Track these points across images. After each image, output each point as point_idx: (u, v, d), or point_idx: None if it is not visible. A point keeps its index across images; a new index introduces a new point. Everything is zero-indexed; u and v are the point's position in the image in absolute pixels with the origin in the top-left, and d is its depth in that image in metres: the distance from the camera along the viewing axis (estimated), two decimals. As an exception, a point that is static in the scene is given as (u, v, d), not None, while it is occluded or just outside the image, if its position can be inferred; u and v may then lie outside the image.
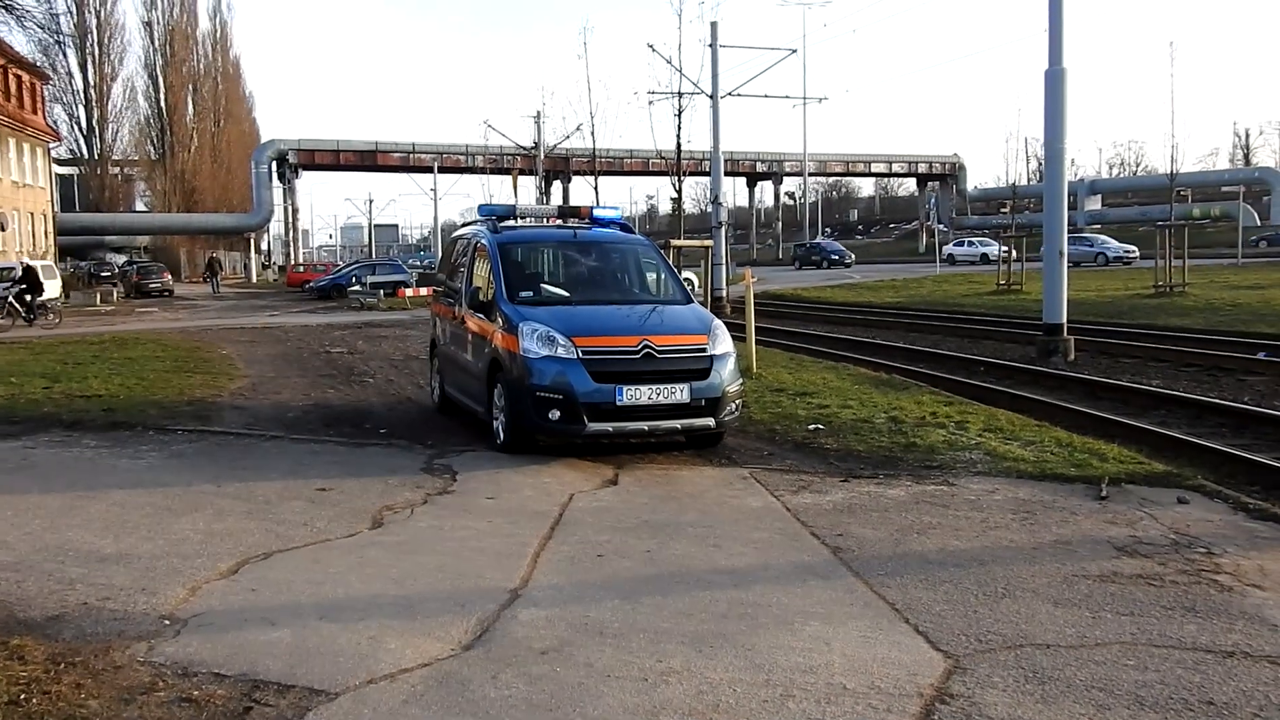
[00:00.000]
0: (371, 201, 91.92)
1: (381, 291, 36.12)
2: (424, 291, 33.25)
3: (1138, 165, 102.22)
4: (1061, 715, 3.75)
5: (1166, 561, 5.55)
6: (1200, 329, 19.04)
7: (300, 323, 26.52)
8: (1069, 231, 18.08)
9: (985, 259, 35.59)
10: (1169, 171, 34.63)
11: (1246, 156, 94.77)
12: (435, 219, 66.71)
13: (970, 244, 60.31)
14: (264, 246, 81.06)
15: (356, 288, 36.88)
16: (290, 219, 71.41)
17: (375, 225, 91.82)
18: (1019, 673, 4.13)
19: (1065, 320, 16.32)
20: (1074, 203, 71.23)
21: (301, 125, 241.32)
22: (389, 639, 4.49)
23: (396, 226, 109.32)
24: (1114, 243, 50.98)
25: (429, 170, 64.84)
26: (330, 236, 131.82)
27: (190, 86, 72.95)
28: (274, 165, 67.07)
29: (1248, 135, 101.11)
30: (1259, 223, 67.90)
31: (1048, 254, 16.38)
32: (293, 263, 66.38)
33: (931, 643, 4.48)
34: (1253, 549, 5.76)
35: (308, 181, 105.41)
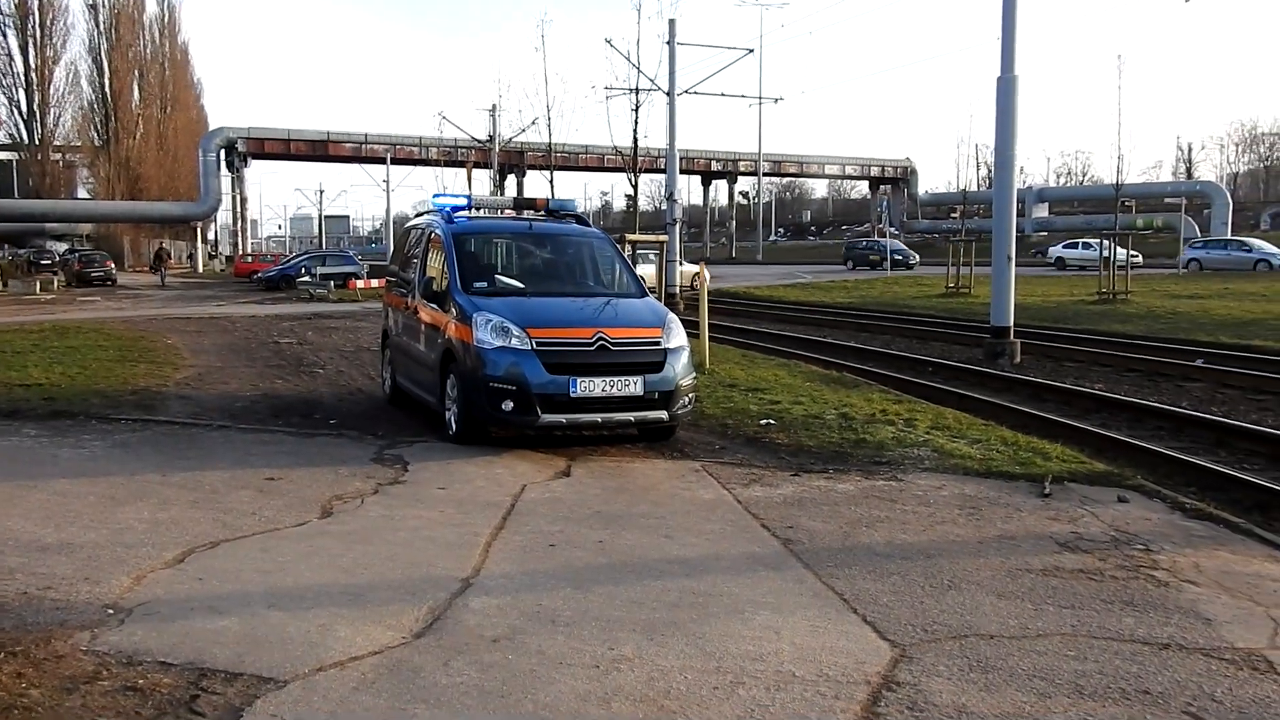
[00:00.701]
0: (322, 192, 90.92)
1: (332, 283, 35.72)
2: (375, 283, 32.96)
3: (1084, 175, 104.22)
4: (1004, 703, 3.84)
5: (1106, 557, 5.68)
6: (1141, 335, 19.47)
7: (248, 313, 26.15)
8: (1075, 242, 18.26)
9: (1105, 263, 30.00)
10: (1115, 182, 35.37)
11: (1189, 170, 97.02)
12: (388, 211, 66.18)
13: (1086, 246, 50.38)
14: (211, 236, 79.70)
15: (306, 278, 36.45)
16: (238, 208, 70.32)
17: (326, 216, 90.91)
18: (963, 662, 4.22)
19: (1012, 324, 16.59)
20: (1022, 210, 72.35)
21: (251, 114, 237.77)
22: (339, 627, 4.47)
23: (348, 218, 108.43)
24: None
25: (381, 161, 64.24)
26: (279, 227, 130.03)
27: (136, 72, 71.49)
28: (222, 154, 65.95)
29: (1190, 149, 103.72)
30: (1199, 235, 69.50)
31: (996, 259, 16.64)
32: (240, 253, 65.41)
33: (879, 632, 4.55)
34: (1188, 546, 5.92)
35: (257, 171, 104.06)
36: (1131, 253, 29.54)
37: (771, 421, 9.63)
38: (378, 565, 5.39)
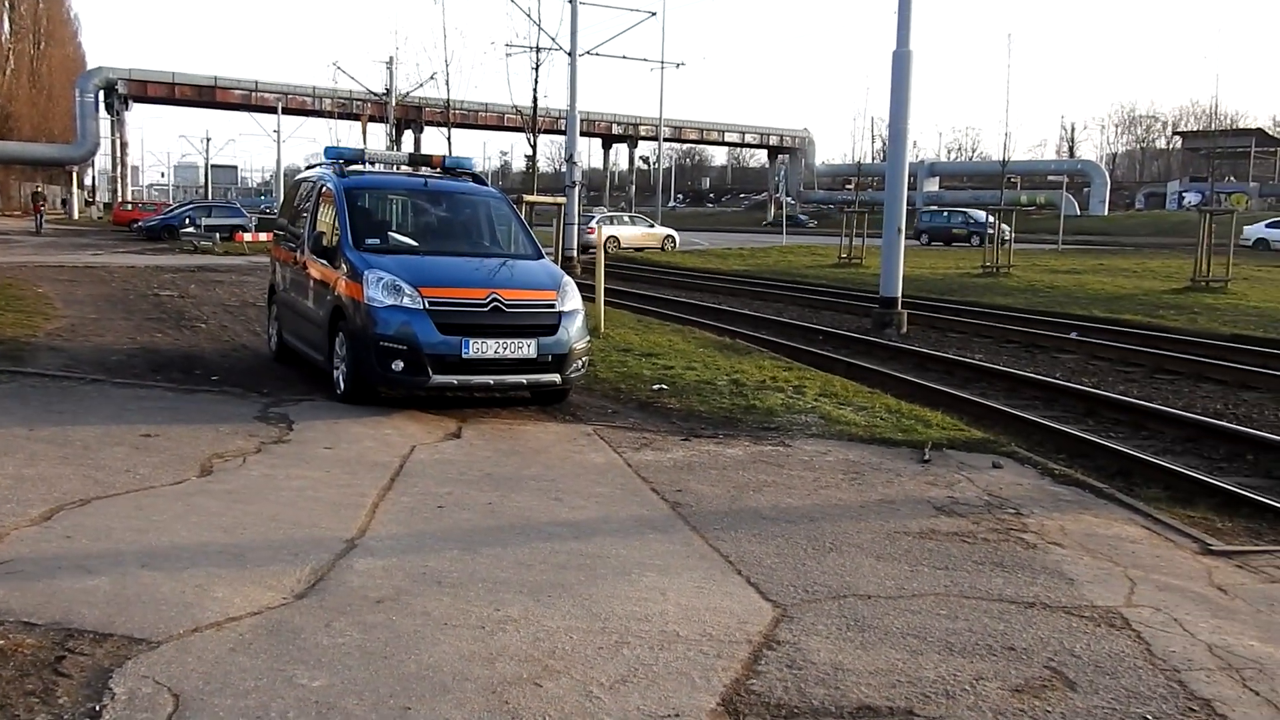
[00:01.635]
0: (209, 140, 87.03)
1: (218, 235, 34.44)
2: (263, 237, 31.94)
3: (974, 151, 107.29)
4: (878, 660, 3.97)
5: (980, 521, 5.91)
6: (1021, 308, 20.19)
7: (126, 263, 25.07)
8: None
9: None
10: (1002, 159, 36.45)
11: (1071, 149, 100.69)
12: (278, 162, 63.98)
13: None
14: (88, 182, 75.97)
15: (190, 229, 35.08)
16: (118, 153, 67.10)
17: (212, 166, 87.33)
18: (841, 621, 4.35)
19: (900, 295, 17.02)
20: (914, 183, 74.10)
21: (133, 54, 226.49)
22: (216, 587, 4.36)
23: (236, 168, 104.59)
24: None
25: (272, 111, 61.98)
26: (162, 175, 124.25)
27: (6, 4, 67.37)
28: (101, 95, 62.64)
29: (1073, 129, 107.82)
30: (1079, 212, 72.28)
31: (887, 231, 17.02)
32: (120, 200, 62.50)
33: (761, 593, 4.65)
34: (1056, 511, 6.20)
35: (139, 115, 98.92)
36: (1003, 227, 30.44)
37: (664, 387, 9.70)
38: (259, 525, 5.27)
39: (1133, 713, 3.64)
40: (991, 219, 31.17)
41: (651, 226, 45.07)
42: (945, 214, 54.54)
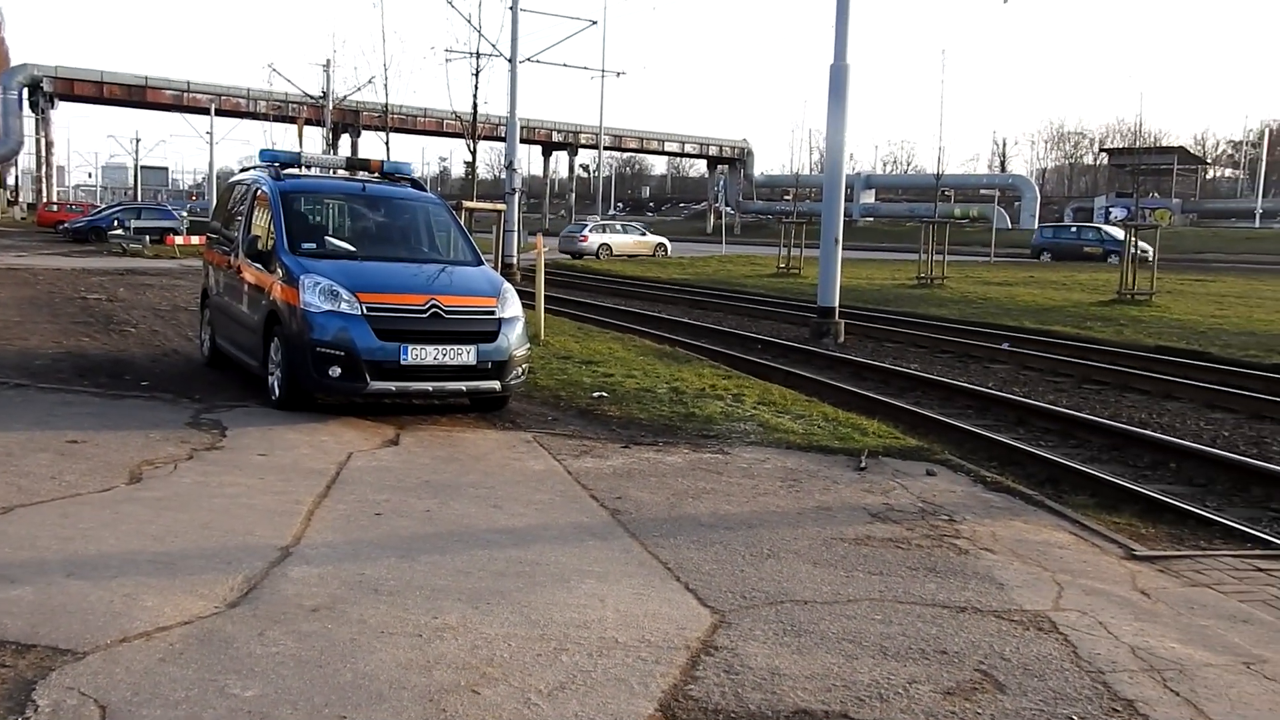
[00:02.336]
0: (139, 141, 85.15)
1: (147, 237, 33.71)
2: (195, 240, 31.34)
3: (909, 164, 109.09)
4: (814, 665, 4.02)
5: (914, 527, 6.01)
6: (955, 319, 20.57)
7: (52, 265, 24.42)
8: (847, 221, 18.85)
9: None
10: (936, 172, 37.18)
11: (1003, 163, 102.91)
12: (211, 165, 62.93)
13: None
14: (11, 181, 73.73)
15: (119, 232, 34.26)
16: (43, 153, 65.23)
17: (142, 167, 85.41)
18: (778, 626, 4.39)
19: (837, 304, 17.23)
20: (851, 195, 75.11)
21: (60, 52, 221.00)
22: (146, 597, 4.27)
23: (166, 170, 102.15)
24: None
25: (205, 112, 60.90)
26: (90, 175, 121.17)
27: (-73, -3, 65.30)
28: (25, 92, 60.89)
29: (1004, 144, 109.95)
30: (1010, 226, 73.86)
31: (824, 241, 17.23)
32: (45, 201, 60.79)
33: (700, 599, 4.68)
34: (987, 517, 6.33)
35: (65, 114, 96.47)
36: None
37: (604, 394, 9.72)
38: (190, 533, 5.17)
39: (1059, 713, 3.73)
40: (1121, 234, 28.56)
41: (643, 234, 45.32)
42: (1074, 230, 49.99)
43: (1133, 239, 24.53)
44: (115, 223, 37.11)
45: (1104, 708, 3.80)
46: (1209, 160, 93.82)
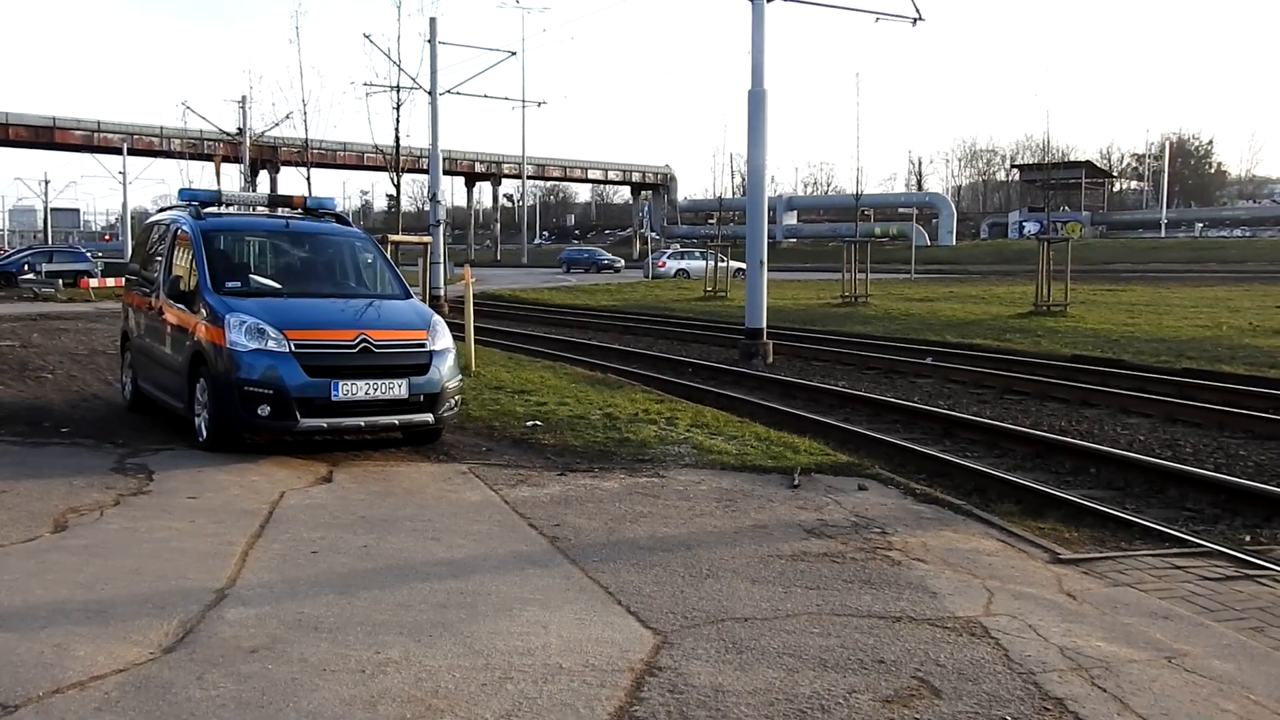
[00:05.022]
0: (48, 183, 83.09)
1: (60, 281, 32.83)
2: (111, 282, 30.62)
3: (829, 185, 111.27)
4: (757, 680, 4.09)
5: (848, 541, 6.13)
6: (880, 336, 20.98)
7: (-40, 313, 23.61)
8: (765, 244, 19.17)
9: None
10: (855, 192, 37.95)
11: (919, 182, 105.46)
12: (124, 205, 61.55)
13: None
14: (-88, 226, 71.31)
15: (30, 276, 33.34)
16: (-53, 196, 63.27)
17: (53, 209, 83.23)
18: (720, 644, 4.45)
19: (765, 325, 17.47)
20: (773, 217, 76.22)
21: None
22: (77, 646, 4.17)
23: (78, 211, 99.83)
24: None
25: (117, 151, 59.59)
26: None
27: None
28: (-74, 135, 59.19)
29: (920, 163, 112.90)
30: (929, 243, 75.60)
31: (750, 264, 17.48)
32: (-51, 246, 58.91)
33: (642, 621, 4.73)
34: (918, 528, 6.49)
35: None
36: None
37: (538, 423, 9.73)
38: (121, 580, 5.06)
39: (994, 715, 3.85)
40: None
41: (724, 261, 44.94)
42: None
43: (1046, 252, 25.31)
44: (25, 267, 36.10)
45: (1036, 707, 3.92)
46: (1115, 173, 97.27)
